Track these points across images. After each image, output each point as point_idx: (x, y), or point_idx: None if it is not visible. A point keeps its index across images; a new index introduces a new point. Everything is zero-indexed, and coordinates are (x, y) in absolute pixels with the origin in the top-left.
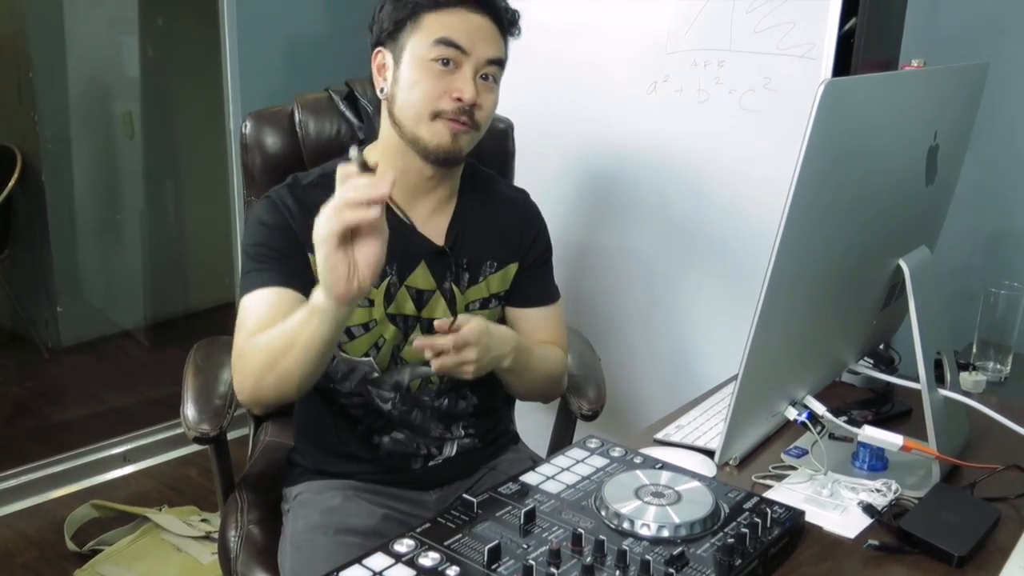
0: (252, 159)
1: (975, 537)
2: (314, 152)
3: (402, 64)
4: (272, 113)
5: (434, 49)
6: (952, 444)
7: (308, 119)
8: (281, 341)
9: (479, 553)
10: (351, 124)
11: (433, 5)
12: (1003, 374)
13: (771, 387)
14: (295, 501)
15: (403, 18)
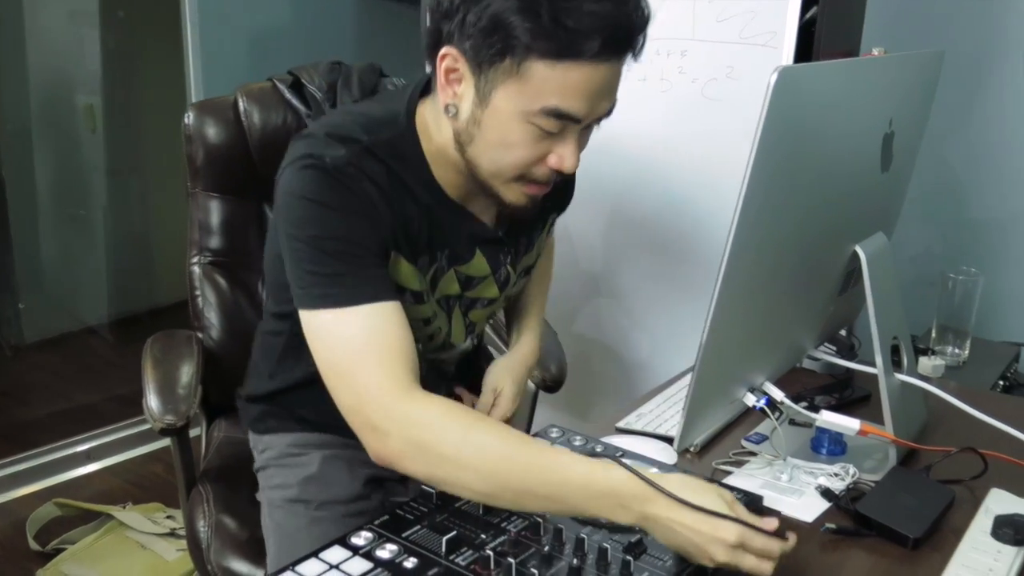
0: (195, 151)
1: (930, 519)
2: (260, 143)
3: (490, 107)
4: (215, 104)
5: (542, 118)
6: (909, 428)
7: (253, 109)
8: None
9: (438, 544)
10: (298, 112)
11: (553, 54)
12: (961, 358)
13: (729, 374)
14: (269, 459)
15: (503, 53)
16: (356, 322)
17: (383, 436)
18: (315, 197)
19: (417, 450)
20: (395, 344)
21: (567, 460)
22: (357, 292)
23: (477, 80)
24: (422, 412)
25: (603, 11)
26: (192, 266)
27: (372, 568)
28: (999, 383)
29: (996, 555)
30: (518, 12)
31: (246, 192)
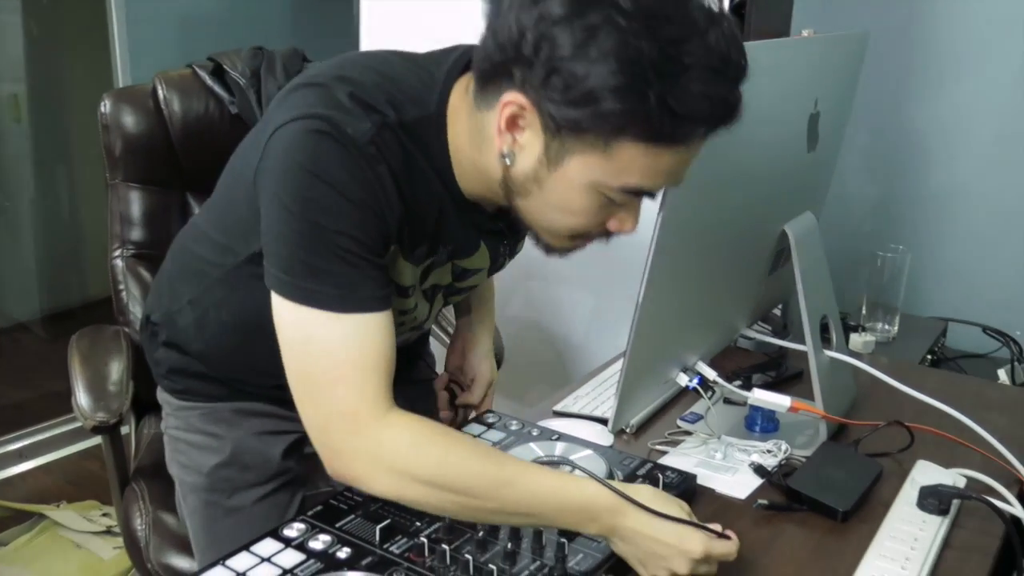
0: (113, 141)
1: (858, 493)
2: (183, 132)
3: (559, 172)
4: (133, 92)
5: (619, 193)
6: (839, 404)
7: (173, 97)
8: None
9: (371, 533)
10: (221, 99)
11: (651, 139)
12: (891, 334)
13: (661, 354)
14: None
15: (592, 128)
16: (342, 331)
17: (349, 460)
18: (328, 178)
19: (388, 474)
20: (378, 360)
21: (540, 477)
22: (352, 298)
23: (549, 140)
24: (396, 437)
25: (715, 94)
26: (115, 260)
27: (305, 560)
28: (927, 357)
29: (921, 525)
30: (621, 92)
31: (169, 182)
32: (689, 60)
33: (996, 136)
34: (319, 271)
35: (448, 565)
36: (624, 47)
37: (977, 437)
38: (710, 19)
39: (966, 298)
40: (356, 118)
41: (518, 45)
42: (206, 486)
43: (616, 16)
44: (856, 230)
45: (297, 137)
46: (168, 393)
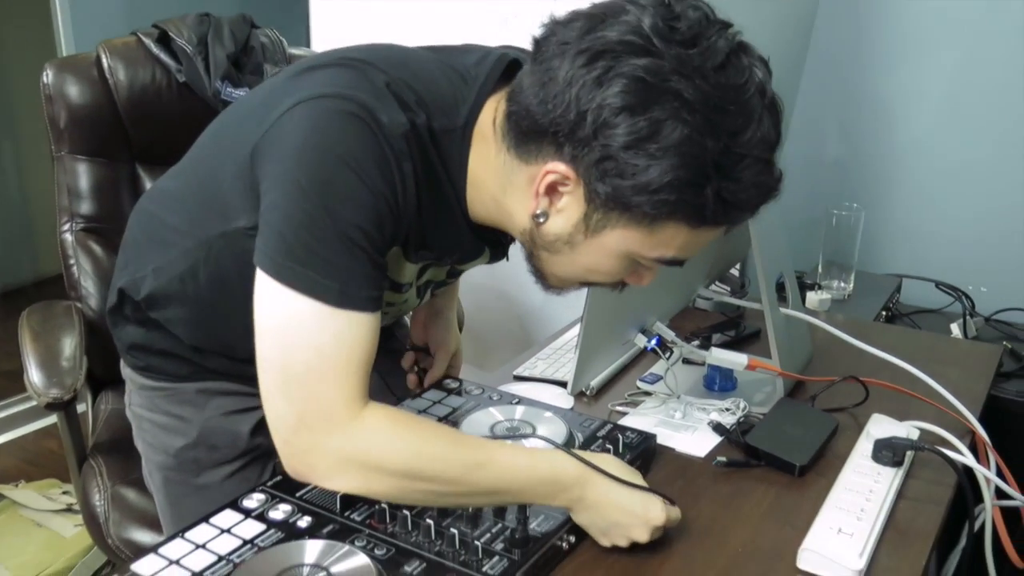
0: (57, 112)
1: (814, 447)
2: (129, 100)
3: (596, 240)
4: (76, 61)
5: (651, 261)
6: (795, 361)
7: (118, 66)
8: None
9: (332, 501)
10: (168, 68)
11: (698, 222)
12: (847, 292)
13: (619, 316)
14: (142, 409)
15: (641, 211)
16: (335, 327)
17: (314, 458)
18: (355, 164)
19: (356, 469)
20: (364, 360)
21: (510, 455)
22: (351, 294)
23: (591, 211)
24: (370, 434)
25: (764, 182)
26: (64, 234)
27: (265, 529)
28: (882, 314)
29: (876, 477)
30: (679, 186)
31: (117, 154)
32: (744, 151)
33: (948, 94)
34: (322, 260)
35: (409, 530)
36: (688, 143)
37: (930, 390)
38: (763, 103)
39: (920, 255)
40: (390, 107)
41: (574, 125)
42: (173, 466)
43: (682, 111)
44: (811, 189)
45: (325, 115)
46: (131, 369)
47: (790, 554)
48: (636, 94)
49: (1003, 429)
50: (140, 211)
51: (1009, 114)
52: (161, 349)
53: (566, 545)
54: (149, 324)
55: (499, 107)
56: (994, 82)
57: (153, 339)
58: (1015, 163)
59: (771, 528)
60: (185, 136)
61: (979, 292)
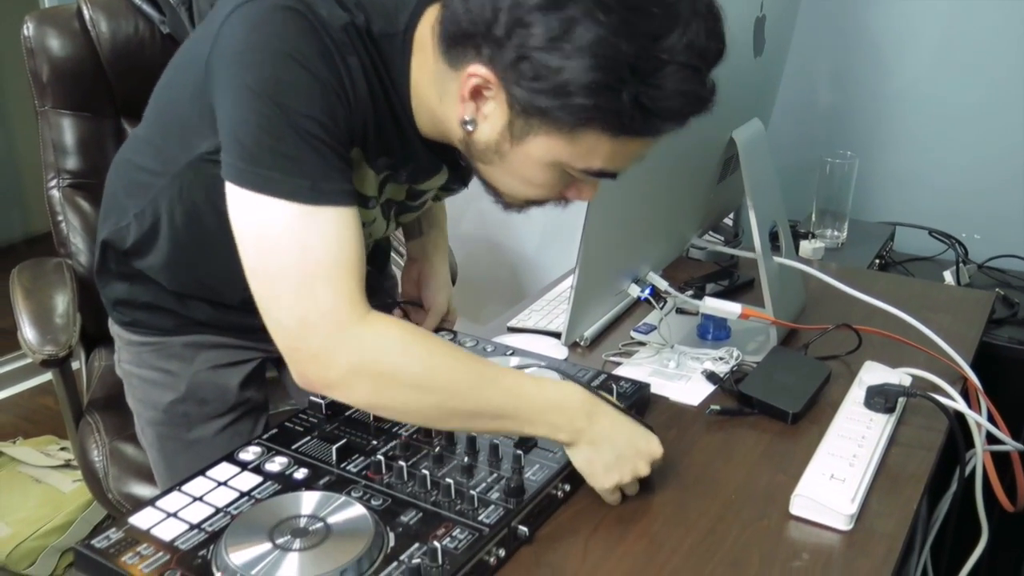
0: (39, 66)
1: (807, 395)
2: (112, 53)
3: (522, 148)
4: (57, 13)
5: (579, 172)
6: (789, 309)
7: (100, 18)
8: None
9: (328, 453)
10: (151, 19)
11: (618, 131)
12: (840, 240)
13: (612, 266)
14: (131, 366)
15: (559, 116)
16: (317, 225)
17: (325, 365)
18: (299, 56)
19: (368, 378)
20: (354, 258)
21: (521, 377)
22: (324, 189)
23: (513, 118)
24: (378, 337)
25: (689, 90)
26: (51, 190)
27: (262, 482)
28: (876, 261)
29: (868, 423)
30: (594, 89)
31: (101, 107)
32: (666, 57)
33: (942, 40)
34: (287, 159)
35: (406, 481)
36: (601, 44)
37: (923, 337)
38: (694, 8)
39: (913, 202)
40: (329, 4)
41: (490, 24)
42: (164, 421)
43: (597, 10)
44: (804, 137)
45: (265, 14)
46: (118, 326)
47: (783, 500)
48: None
49: (995, 375)
50: (117, 162)
51: (1003, 60)
52: (146, 302)
53: (561, 494)
54: (133, 277)
55: (439, 13)
56: (988, 27)
57: (137, 292)
58: (1009, 110)
59: (764, 475)
60: None
61: (972, 239)
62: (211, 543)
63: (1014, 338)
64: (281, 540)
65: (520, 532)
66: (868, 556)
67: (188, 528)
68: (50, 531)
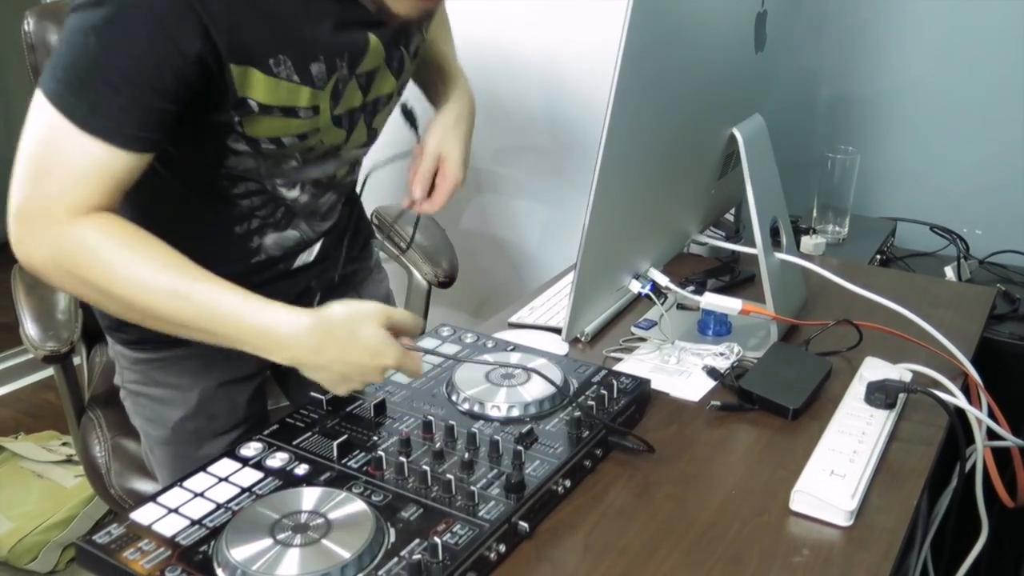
0: (40, 61)
1: (808, 391)
2: None
3: None
4: (57, 8)
5: None
6: (789, 305)
7: None
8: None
9: (329, 449)
10: None
11: None
12: (841, 236)
13: (613, 262)
14: (135, 386)
15: None
16: (84, 147)
17: (30, 249)
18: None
19: (61, 273)
20: (104, 184)
21: (218, 295)
22: (102, 124)
23: None
24: (78, 240)
25: None
26: None
27: (263, 478)
28: (877, 257)
29: (869, 419)
30: None
31: None
32: None
33: (943, 35)
34: (84, 87)
35: (406, 477)
36: None
37: (924, 333)
38: None
39: (914, 197)
40: None
41: None
42: (173, 439)
43: None
44: (806, 132)
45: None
46: (122, 346)
47: (783, 496)
48: None
49: (996, 371)
50: None
51: (1005, 55)
52: None
53: (561, 489)
54: None
55: None
56: (991, 23)
57: None
58: (1011, 106)
59: (764, 471)
60: None
61: (974, 235)
62: (212, 539)
63: (1015, 334)
64: (282, 536)
65: (520, 528)
66: (868, 552)
67: (189, 524)
68: (52, 526)
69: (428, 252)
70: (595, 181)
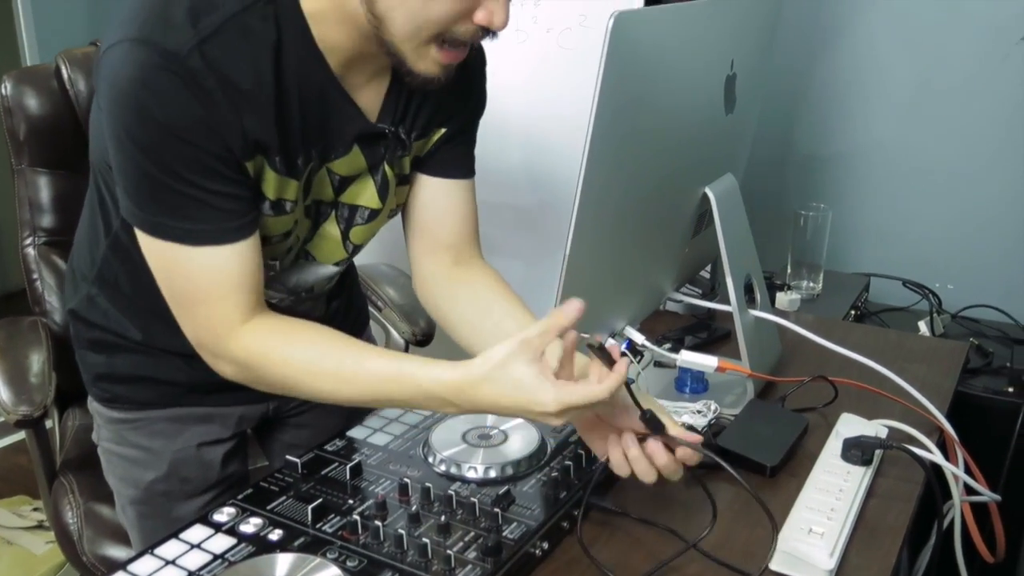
0: (16, 124)
1: (785, 447)
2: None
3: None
4: (35, 72)
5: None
6: (765, 361)
7: (78, 76)
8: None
9: (303, 513)
10: None
11: None
12: (816, 291)
13: (588, 319)
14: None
15: None
16: (199, 261)
17: (222, 363)
18: (157, 113)
19: (250, 380)
20: (238, 281)
21: (381, 367)
22: (205, 233)
23: None
24: (246, 350)
25: None
26: (26, 248)
27: (236, 544)
28: (851, 312)
29: (846, 476)
30: None
31: (79, 166)
32: None
33: (912, 93)
34: (166, 205)
35: (382, 541)
36: None
37: (898, 388)
38: None
39: (887, 253)
40: (177, 28)
41: None
42: (145, 499)
43: None
44: (778, 190)
45: (118, 65)
46: (99, 403)
47: (762, 555)
48: None
49: (971, 425)
50: (77, 230)
51: (972, 114)
52: (125, 375)
53: (539, 552)
54: (110, 347)
55: None
56: (957, 82)
57: (116, 364)
58: (979, 162)
59: (743, 529)
60: None
61: (946, 289)
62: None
63: (989, 387)
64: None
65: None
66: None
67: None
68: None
69: (405, 311)
70: (570, 240)
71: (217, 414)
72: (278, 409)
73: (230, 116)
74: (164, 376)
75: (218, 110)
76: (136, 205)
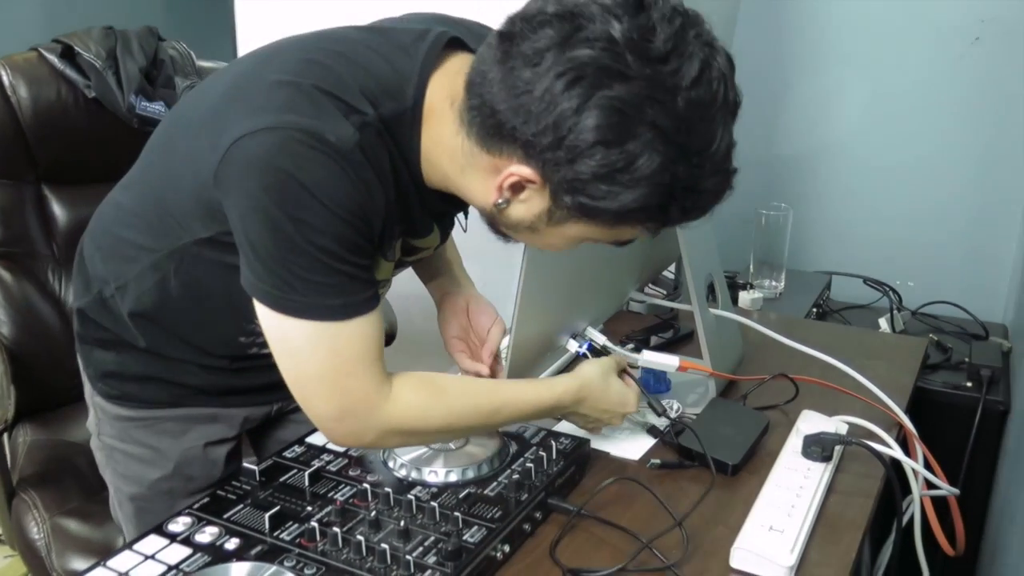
0: None
1: (746, 446)
2: (33, 118)
3: (557, 230)
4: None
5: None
6: (726, 360)
7: (19, 83)
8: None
9: (261, 521)
10: (74, 84)
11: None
12: (778, 290)
13: (549, 321)
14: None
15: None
16: (347, 334)
17: (360, 437)
18: (320, 192)
19: (398, 436)
20: (376, 347)
21: (522, 394)
22: (354, 305)
23: (553, 209)
24: (403, 408)
25: (721, 189)
26: None
27: (191, 554)
28: (813, 310)
29: (806, 472)
30: (647, 209)
31: (22, 174)
32: (709, 167)
33: (870, 96)
34: (309, 283)
35: (340, 548)
36: (660, 173)
37: (859, 385)
38: (727, 111)
39: (848, 251)
40: (336, 122)
41: (550, 146)
42: (146, 496)
43: (656, 142)
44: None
45: (276, 149)
46: (103, 398)
47: (724, 553)
48: (612, 128)
49: (930, 420)
50: (93, 231)
51: (929, 114)
52: (136, 374)
53: (500, 555)
54: (120, 346)
55: (453, 87)
56: (914, 83)
57: (127, 363)
58: (937, 160)
59: (705, 527)
60: (96, 153)
61: (906, 287)
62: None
63: (948, 383)
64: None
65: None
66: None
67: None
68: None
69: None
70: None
71: (223, 415)
72: (280, 409)
73: (371, 206)
74: (175, 378)
75: (372, 201)
76: (272, 284)
